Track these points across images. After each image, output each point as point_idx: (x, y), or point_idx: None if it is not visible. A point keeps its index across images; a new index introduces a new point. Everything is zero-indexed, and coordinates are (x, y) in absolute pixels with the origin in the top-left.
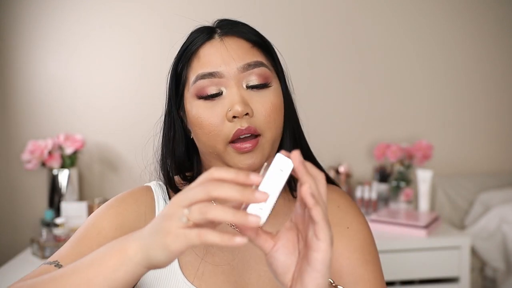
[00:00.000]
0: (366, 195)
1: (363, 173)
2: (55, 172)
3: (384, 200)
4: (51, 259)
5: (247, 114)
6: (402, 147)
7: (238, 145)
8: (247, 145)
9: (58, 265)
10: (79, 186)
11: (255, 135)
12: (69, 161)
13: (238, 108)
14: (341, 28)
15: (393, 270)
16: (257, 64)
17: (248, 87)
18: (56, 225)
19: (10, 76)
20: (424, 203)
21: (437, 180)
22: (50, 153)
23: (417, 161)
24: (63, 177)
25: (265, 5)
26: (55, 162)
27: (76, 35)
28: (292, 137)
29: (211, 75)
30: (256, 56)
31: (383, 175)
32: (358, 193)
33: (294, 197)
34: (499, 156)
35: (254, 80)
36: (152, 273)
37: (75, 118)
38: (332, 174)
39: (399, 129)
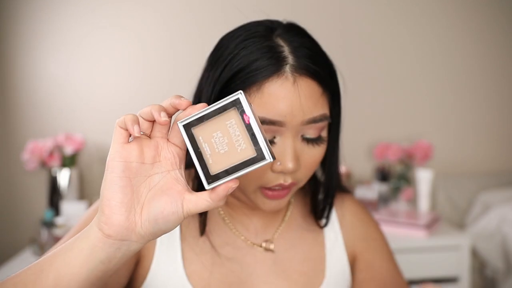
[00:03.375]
0: (366, 195)
1: (363, 173)
2: (55, 172)
3: (384, 200)
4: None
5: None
6: (402, 147)
7: (270, 192)
8: (280, 193)
9: None
10: (79, 186)
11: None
12: (69, 161)
13: (290, 166)
14: (341, 27)
15: None
16: (322, 119)
17: (303, 139)
18: (56, 225)
19: (10, 76)
20: (424, 203)
21: (437, 180)
22: (50, 153)
23: (417, 161)
24: (63, 177)
25: (261, 5)
26: (55, 162)
27: (76, 35)
28: (336, 164)
29: (272, 123)
30: (324, 106)
31: (383, 175)
32: (358, 193)
33: (320, 226)
34: (499, 155)
35: (311, 134)
36: (158, 283)
37: (75, 118)
38: None
39: (399, 129)
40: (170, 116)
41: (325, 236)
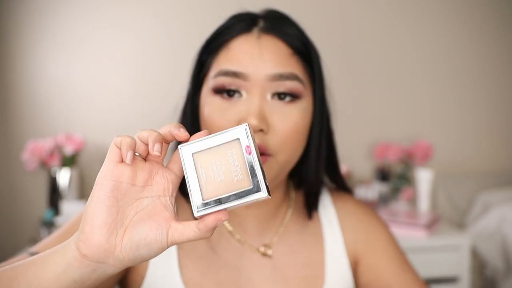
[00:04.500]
0: (366, 195)
1: (363, 173)
2: (55, 172)
3: (384, 200)
4: (34, 248)
5: (261, 130)
6: (402, 147)
7: None
8: None
9: None
10: (79, 186)
11: (263, 154)
12: (69, 161)
13: (253, 122)
14: (341, 27)
15: None
16: (290, 77)
17: (273, 97)
18: (56, 225)
19: (10, 76)
20: (424, 203)
21: (437, 180)
22: (50, 153)
23: (417, 161)
24: (63, 177)
25: (261, 5)
26: (55, 162)
27: (77, 35)
28: (318, 159)
29: (234, 74)
30: (293, 66)
31: (383, 175)
32: (358, 193)
33: (309, 218)
34: (499, 155)
35: (281, 92)
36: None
37: (75, 118)
38: None
39: (399, 129)
40: (167, 143)
41: (325, 240)
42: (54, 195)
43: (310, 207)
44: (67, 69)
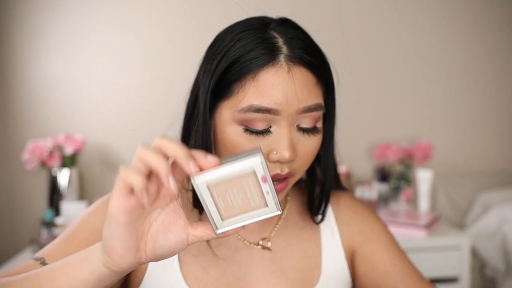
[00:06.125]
0: (366, 195)
1: (363, 173)
2: (55, 172)
3: (384, 200)
4: (38, 254)
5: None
6: (402, 147)
7: None
8: (278, 186)
9: (43, 263)
10: (79, 186)
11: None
12: (69, 161)
13: (286, 155)
14: (340, 27)
15: None
16: (316, 108)
17: (299, 129)
18: (56, 225)
19: (10, 76)
20: (424, 203)
21: (437, 180)
22: (50, 153)
23: (417, 161)
24: (63, 177)
25: (261, 5)
26: (55, 162)
27: (76, 35)
28: (332, 163)
29: (267, 111)
30: (318, 96)
31: (383, 175)
32: (358, 193)
33: (316, 222)
34: (499, 156)
35: (307, 123)
36: (155, 284)
37: (75, 118)
38: None
39: (399, 129)
40: (185, 175)
41: (321, 233)
42: (54, 195)
43: (315, 211)
44: (67, 69)
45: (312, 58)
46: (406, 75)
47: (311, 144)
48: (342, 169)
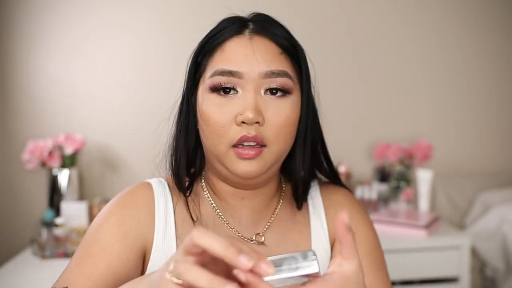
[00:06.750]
0: (366, 195)
1: (363, 173)
2: (55, 172)
3: (384, 200)
4: (59, 284)
5: (257, 122)
6: (402, 147)
7: (240, 150)
8: (250, 152)
9: None
10: (79, 186)
11: (260, 145)
12: (69, 161)
13: (249, 115)
14: (340, 27)
15: (393, 270)
16: (281, 74)
17: (266, 92)
18: (56, 225)
19: (10, 76)
20: (424, 203)
21: (437, 180)
22: (50, 153)
23: (417, 161)
24: (63, 177)
25: (260, 4)
26: (55, 162)
27: (76, 36)
28: (304, 150)
29: (230, 73)
30: (283, 64)
31: (383, 175)
32: (358, 193)
33: (299, 209)
34: (499, 156)
35: (273, 88)
36: None
37: (75, 118)
38: None
39: (399, 129)
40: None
41: (311, 226)
42: (54, 195)
43: (298, 197)
44: (67, 69)
45: (276, 32)
46: (406, 75)
47: (280, 110)
48: (342, 169)
